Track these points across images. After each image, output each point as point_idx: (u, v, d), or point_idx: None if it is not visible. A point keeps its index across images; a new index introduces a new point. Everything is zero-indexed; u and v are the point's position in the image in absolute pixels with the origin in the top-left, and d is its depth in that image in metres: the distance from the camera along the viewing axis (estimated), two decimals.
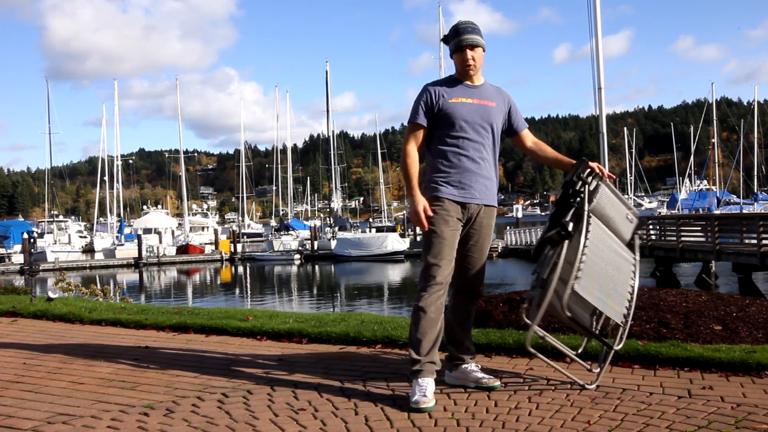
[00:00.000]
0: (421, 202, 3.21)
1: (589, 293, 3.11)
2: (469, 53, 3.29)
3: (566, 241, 3.13)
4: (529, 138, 3.60)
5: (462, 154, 3.27)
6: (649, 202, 78.66)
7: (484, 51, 3.37)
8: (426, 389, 3.03)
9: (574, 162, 3.39)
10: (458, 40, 3.31)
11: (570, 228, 3.12)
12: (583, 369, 3.56)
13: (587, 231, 3.14)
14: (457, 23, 3.37)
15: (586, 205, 3.19)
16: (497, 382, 3.29)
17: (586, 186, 3.24)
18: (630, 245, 3.54)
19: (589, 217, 3.18)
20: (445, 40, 3.41)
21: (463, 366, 3.40)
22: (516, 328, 4.39)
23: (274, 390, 3.33)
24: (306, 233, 49.72)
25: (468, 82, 3.37)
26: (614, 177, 3.41)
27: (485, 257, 3.42)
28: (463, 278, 3.38)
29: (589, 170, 3.27)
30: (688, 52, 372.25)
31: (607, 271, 3.25)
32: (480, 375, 3.33)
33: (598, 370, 3.33)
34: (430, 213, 3.21)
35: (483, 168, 3.31)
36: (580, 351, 3.64)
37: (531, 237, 35.67)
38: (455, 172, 3.26)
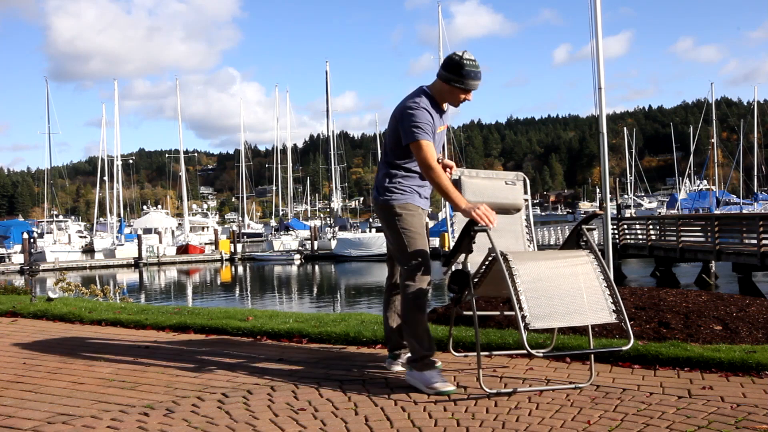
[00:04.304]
0: (478, 205, 3.25)
1: (550, 320, 3.05)
2: (470, 96, 3.44)
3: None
4: None
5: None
6: (649, 202, 78.74)
7: None
8: (441, 375, 3.28)
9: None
10: (468, 82, 3.36)
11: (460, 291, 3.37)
12: (582, 369, 3.57)
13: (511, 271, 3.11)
14: (465, 59, 3.34)
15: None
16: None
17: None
18: (578, 243, 3.46)
19: (506, 256, 3.14)
20: (452, 69, 3.35)
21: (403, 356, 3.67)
22: (516, 328, 4.39)
23: (274, 390, 3.33)
24: (306, 233, 49.71)
25: (442, 107, 3.51)
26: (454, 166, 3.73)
27: None
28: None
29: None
30: (688, 53, 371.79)
31: (558, 288, 3.12)
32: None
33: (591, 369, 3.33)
34: (491, 211, 3.24)
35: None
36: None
37: None
38: (423, 189, 3.56)
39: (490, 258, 3.25)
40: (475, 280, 3.38)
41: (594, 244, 3.35)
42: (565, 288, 3.11)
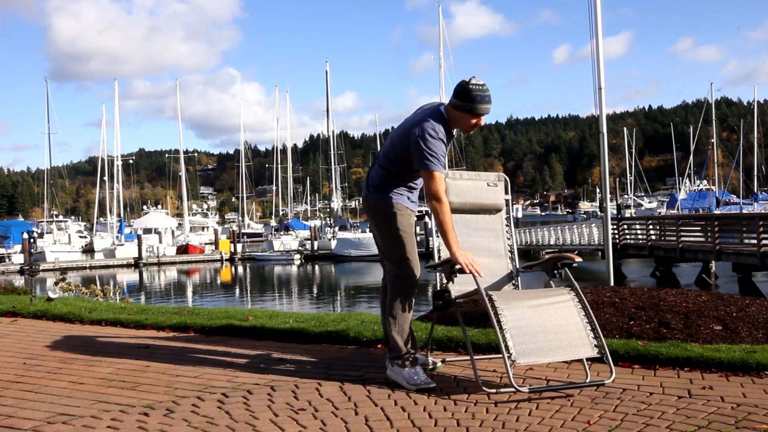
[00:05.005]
0: (468, 253, 3.34)
1: (535, 356, 3.09)
2: (482, 120, 3.47)
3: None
4: None
5: (419, 187, 3.67)
6: (649, 202, 78.75)
7: None
8: (423, 373, 3.37)
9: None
10: (477, 107, 3.37)
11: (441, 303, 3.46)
12: (582, 369, 3.57)
13: (496, 313, 3.16)
14: (473, 84, 3.36)
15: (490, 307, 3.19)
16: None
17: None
18: (551, 271, 3.56)
19: (492, 300, 3.21)
20: (461, 95, 3.37)
21: None
22: None
23: (274, 390, 3.33)
24: (306, 233, 49.70)
25: (452, 132, 3.54)
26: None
27: None
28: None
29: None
30: (688, 53, 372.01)
31: (543, 325, 3.19)
32: None
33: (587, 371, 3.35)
34: (477, 262, 3.32)
35: None
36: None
37: (531, 237, 35.70)
38: (413, 194, 3.69)
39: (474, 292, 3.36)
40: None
41: (574, 280, 3.43)
42: (549, 325, 3.19)
